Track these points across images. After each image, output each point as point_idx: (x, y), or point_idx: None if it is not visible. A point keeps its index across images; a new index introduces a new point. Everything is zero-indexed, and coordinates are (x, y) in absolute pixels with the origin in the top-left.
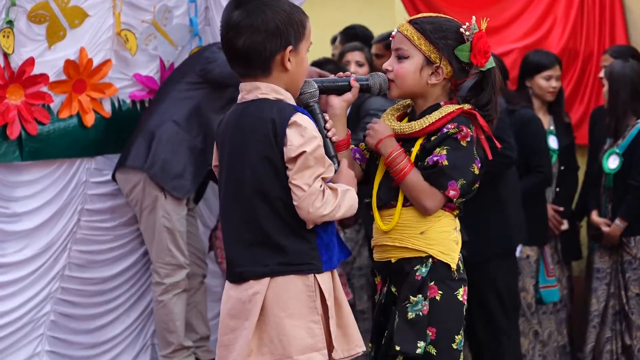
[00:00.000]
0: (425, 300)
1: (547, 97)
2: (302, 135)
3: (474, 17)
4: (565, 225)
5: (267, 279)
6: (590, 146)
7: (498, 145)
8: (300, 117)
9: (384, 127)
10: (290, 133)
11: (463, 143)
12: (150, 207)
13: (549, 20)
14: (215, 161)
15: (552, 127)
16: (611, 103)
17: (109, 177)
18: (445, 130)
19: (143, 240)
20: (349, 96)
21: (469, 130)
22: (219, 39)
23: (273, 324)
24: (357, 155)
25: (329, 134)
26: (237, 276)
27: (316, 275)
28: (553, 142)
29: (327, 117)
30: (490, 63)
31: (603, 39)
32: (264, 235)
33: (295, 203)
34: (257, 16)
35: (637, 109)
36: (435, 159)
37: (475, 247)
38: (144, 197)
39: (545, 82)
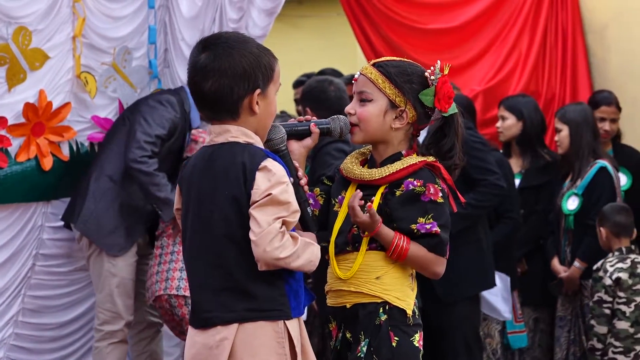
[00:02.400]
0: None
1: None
2: (269, 180)
3: (438, 62)
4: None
5: (235, 325)
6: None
7: (462, 199)
8: (270, 163)
9: (371, 220)
10: (259, 177)
11: (439, 200)
12: (96, 252)
13: (511, 62)
14: (177, 204)
15: (523, 170)
16: (574, 146)
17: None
18: (410, 186)
19: None
20: (308, 142)
21: (437, 185)
22: (177, 82)
23: None
24: (311, 201)
25: (301, 182)
26: (203, 321)
27: (285, 321)
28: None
29: (296, 164)
30: (453, 109)
31: (565, 82)
32: (233, 281)
33: (252, 238)
34: (224, 60)
35: (596, 150)
36: (427, 227)
37: (449, 287)
38: (89, 244)
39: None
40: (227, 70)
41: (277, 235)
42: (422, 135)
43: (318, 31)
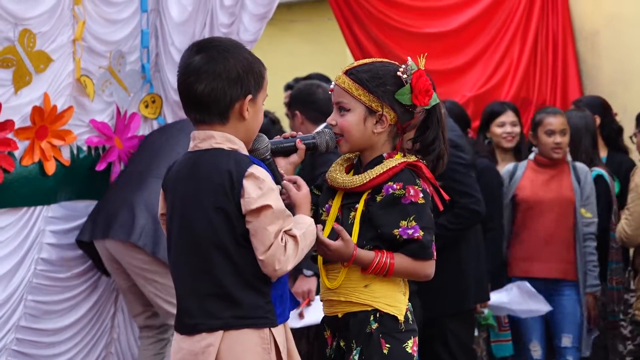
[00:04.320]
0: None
1: (504, 144)
2: (260, 188)
3: (409, 58)
4: None
5: (220, 332)
6: None
7: (446, 196)
8: (257, 169)
9: (345, 245)
10: (248, 185)
11: (420, 201)
12: (163, 272)
13: (502, 69)
14: (162, 209)
15: None
16: (573, 152)
17: (64, 226)
18: (390, 190)
19: (92, 292)
20: (295, 158)
21: (417, 187)
22: (168, 86)
23: None
24: None
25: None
26: (189, 328)
27: (271, 328)
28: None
29: (282, 171)
30: (434, 100)
31: (555, 88)
32: (220, 288)
33: (260, 258)
34: (219, 62)
35: (593, 159)
36: (409, 232)
37: (430, 303)
38: (150, 264)
39: (499, 129)
40: (221, 73)
41: (281, 251)
42: None
43: (308, 36)
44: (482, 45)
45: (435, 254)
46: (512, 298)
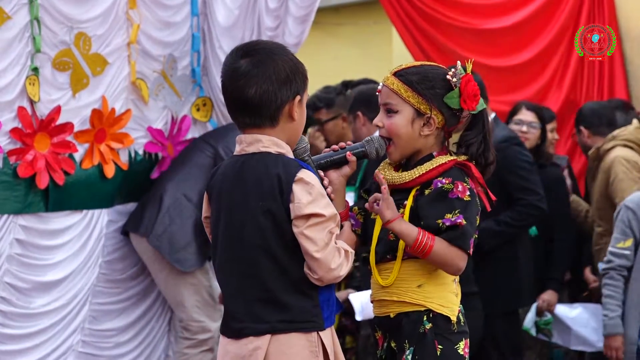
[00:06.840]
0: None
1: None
2: (309, 193)
3: (458, 62)
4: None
5: (267, 336)
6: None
7: (492, 197)
8: (306, 174)
9: (391, 208)
10: (297, 190)
11: (466, 198)
12: (167, 269)
13: (559, 70)
14: (205, 212)
15: None
16: None
17: (118, 229)
18: (439, 184)
19: (144, 295)
20: (346, 170)
21: (465, 184)
22: (217, 90)
23: None
24: (352, 221)
25: (328, 190)
26: (236, 332)
27: (319, 332)
28: None
29: (321, 173)
30: (482, 104)
31: (602, 90)
32: (267, 292)
33: (316, 256)
34: (267, 65)
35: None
36: (452, 219)
37: (483, 299)
38: (156, 259)
39: (516, 126)
40: (271, 75)
41: (336, 253)
42: None
43: (354, 39)
44: (545, 44)
45: (471, 250)
46: (578, 316)
